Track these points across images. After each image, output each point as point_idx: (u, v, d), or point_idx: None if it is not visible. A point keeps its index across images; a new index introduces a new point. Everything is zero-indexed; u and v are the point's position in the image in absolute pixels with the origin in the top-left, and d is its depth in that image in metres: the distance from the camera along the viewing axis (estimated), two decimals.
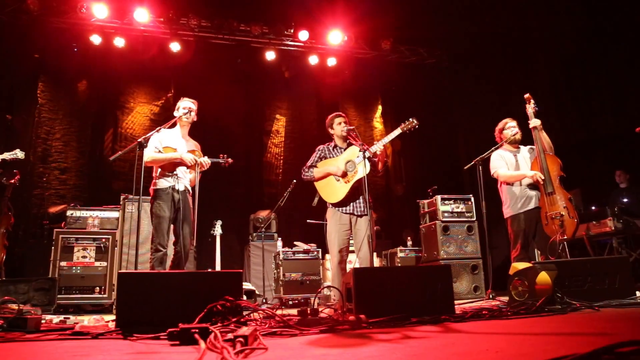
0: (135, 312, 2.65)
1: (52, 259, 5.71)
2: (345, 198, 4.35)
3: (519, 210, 4.61)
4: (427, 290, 3.09)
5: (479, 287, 6.08)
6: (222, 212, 6.89)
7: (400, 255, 7.10)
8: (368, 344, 1.93)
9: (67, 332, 2.59)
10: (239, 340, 1.78)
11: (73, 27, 7.92)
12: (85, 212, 6.09)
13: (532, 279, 3.29)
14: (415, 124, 4.42)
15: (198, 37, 8.53)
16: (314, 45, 9.02)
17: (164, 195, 4.17)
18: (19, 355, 1.88)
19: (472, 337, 2.02)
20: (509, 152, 4.82)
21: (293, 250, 6.91)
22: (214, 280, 2.93)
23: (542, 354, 1.48)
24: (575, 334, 2.03)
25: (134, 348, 2.03)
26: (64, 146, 8.10)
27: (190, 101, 4.55)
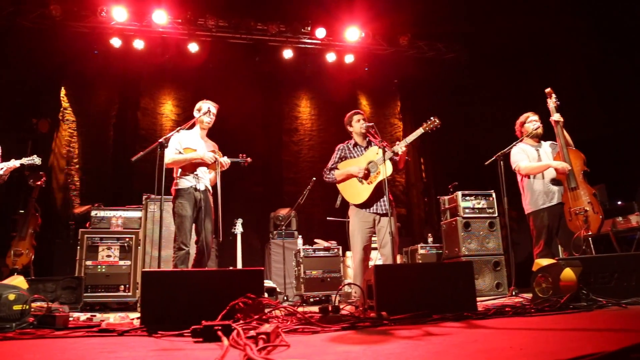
0: (159, 309, 2.69)
1: (78, 258, 5.85)
2: (369, 199, 4.34)
3: (541, 206, 4.54)
4: (449, 287, 3.07)
5: (502, 284, 6.01)
6: (242, 211, 6.95)
7: (421, 252, 7.06)
8: (390, 341, 1.93)
9: (94, 329, 2.65)
10: (262, 337, 1.80)
11: (94, 31, 8.07)
12: (109, 212, 6.21)
13: (556, 276, 3.23)
14: (437, 123, 4.36)
15: (216, 37, 8.60)
16: (331, 43, 9.01)
17: (185, 195, 4.23)
18: (49, 352, 1.93)
19: (495, 334, 2.00)
20: (531, 147, 4.74)
21: (313, 248, 6.93)
22: (235, 278, 2.96)
23: (567, 352, 1.45)
24: (601, 332, 2.00)
25: (158, 345, 2.06)
26: (87, 148, 8.27)
27: (210, 104, 4.58)
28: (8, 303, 2.84)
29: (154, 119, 8.81)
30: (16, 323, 2.82)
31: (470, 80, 9.26)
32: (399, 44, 9.08)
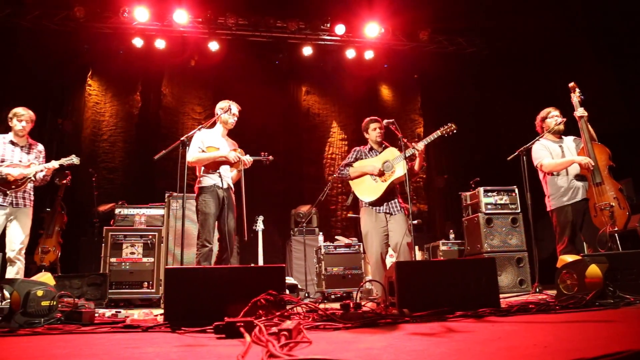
0: (182, 306, 2.73)
1: (103, 256, 5.97)
2: (381, 197, 4.32)
3: (565, 202, 4.45)
4: (471, 284, 3.04)
5: (525, 281, 5.92)
6: (263, 208, 6.99)
7: (443, 248, 7.00)
8: (412, 338, 1.92)
9: (119, 325, 2.70)
10: (284, 334, 1.81)
11: (116, 31, 8.21)
12: (132, 210, 6.32)
13: (581, 272, 3.17)
14: (454, 128, 4.33)
15: (236, 35, 8.66)
16: (351, 39, 8.98)
17: (209, 193, 4.28)
18: (76, 347, 1.98)
19: (519, 332, 1.98)
20: (553, 142, 4.65)
21: (334, 245, 6.93)
22: (257, 275, 2.98)
23: (593, 350, 1.43)
24: (629, 329, 1.95)
25: (182, 341, 2.09)
26: (110, 147, 8.42)
27: (232, 103, 4.60)
28: (36, 299, 2.92)
29: (176, 117, 8.92)
30: (45, 318, 2.90)
31: (491, 75, 9.13)
32: (419, 39, 9.00)
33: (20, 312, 2.87)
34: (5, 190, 4.44)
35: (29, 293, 2.90)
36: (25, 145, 4.69)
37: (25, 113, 4.63)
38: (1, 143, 4.56)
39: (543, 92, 7.60)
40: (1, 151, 4.51)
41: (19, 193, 4.53)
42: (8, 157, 4.54)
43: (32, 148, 4.75)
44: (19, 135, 4.63)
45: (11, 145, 4.60)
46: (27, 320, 2.84)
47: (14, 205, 4.51)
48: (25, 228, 4.61)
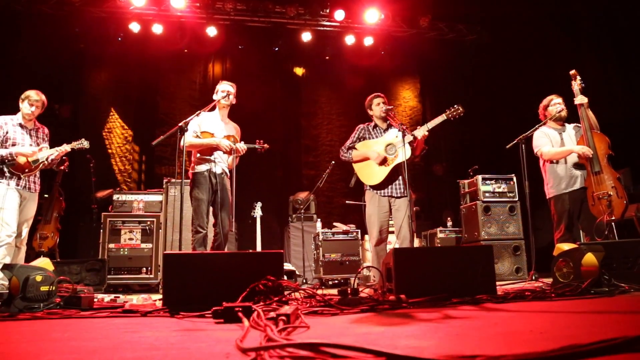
0: (181, 291, 2.74)
1: (101, 241, 5.98)
2: (384, 180, 4.32)
3: (563, 190, 4.47)
4: (468, 271, 3.06)
5: (521, 269, 5.96)
6: (262, 194, 7.01)
7: (440, 236, 7.03)
8: (410, 323, 1.94)
9: (118, 310, 2.72)
10: (282, 319, 1.82)
11: (112, 16, 8.13)
12: (130, 196, 6.32)
13: (577, 261, 3.19)
14: (460, 111, 4.28)
15: (234, 20, 8.58)
16: (350, 25, 8.92)
17: (201, 179, 4.28)
18: (75, 331, 1.99)
19: (515, 318, 1.99)
20: (554, 130, 4.66)
21: (332, 231, 6.95)
22: (255, 261, 2.99)
23: (588, 336, 1.44)
24: (623, 317, 1.97)
25: (180, 325, 2.11)
26: (108, 133, 8.39)
27: (228, 84, 4.61)
28: (36, 284, 2.93)
29: (173, 103, 8.88)
30: (44, 303, 2.91)
31: (491, 63, 9.08)
32: (419, 26, 8.94)
33: (19, 297, 2.88)
34: (19, 174, 4.40)
35: (27, 278, 2.91)
36: (33, 128, 4.63)
37: (38, 98, 4.56)
38: (11, 126, 4.47)
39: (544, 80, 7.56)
40: (12, 134, 4.44)
41: (30, 177, 4.50)
42: (19, 140, 4.47)
43: (39, 131, 4.70)
44: (27, 119, 4.57)
45: (20, 128, 4.52)
46: (26, 305, 2.85)
47: (27, 190, 4.48)
48: (32, 213, 4.60)
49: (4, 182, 4.33)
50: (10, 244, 4.25)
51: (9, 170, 4.35)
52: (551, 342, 1.34)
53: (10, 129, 4.45)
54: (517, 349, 1.25)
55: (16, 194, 4.37)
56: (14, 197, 4.34)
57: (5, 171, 4.34)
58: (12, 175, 4.36)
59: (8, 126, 4.45)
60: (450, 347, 1.35)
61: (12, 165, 4.36)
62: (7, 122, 4.46)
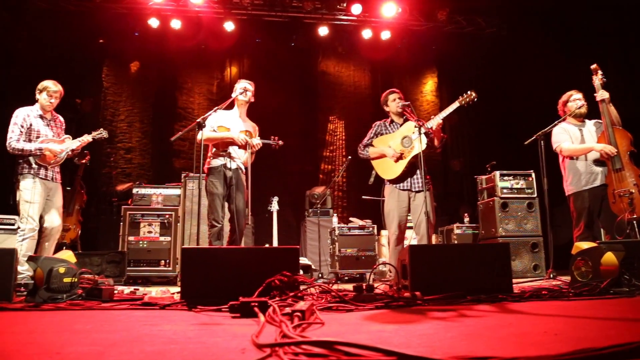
0: (198, 285, 2.79)
1: (121, 234, 6.10)
2: (402, 174, 4.32)
3: (583, 187, 4.41)
4: (485, 269, 3.04)
5: (539, 266, 5.90)
6: (279, 189, 7.06)
7: (457, 232, 6.99)
8: (423, 321, 1.95)
9: (138, 302, 2.79)
10: (297, 315, 1.85)
11: (132, 12, 8.23)
12: (150, 189, 6.42)
13: (596, 260, 3.15)
14: (474, 96, 4.24)
15: (251, 15, 8.61)
16: (367, 19, 8.87)
17: (216, 173, 4.35)
18: (97, 322, 2.05)
19: (530, 318, 1.99)
20: (574, 126, 4.59)
21: (348, 226, 6.97)
22: (272, 256, 3.02)
23: (604, 339, 1.44)
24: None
25: (198, 319, 2.15)
26: (128, 127, 8.52)
27: (247, 82, 4.64)
28: (59, 276, 3.02)
29: (192, 97, 8.96)
30: (67, 294, 3.00)
31: (510, 56, 8.95)
32: (436, 19, 8.85)
33: (44, 287, 2.97)
34: (46, 166, 4.48)
35: (51, 270, 3.00)
36: (51, 118, 4.68)
37: (57, 89, 4.60)
38: (33, 118, 4.51)
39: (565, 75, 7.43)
40: (36, 127, 4.50)
41: (55, 168, 4.58)
42: (43, 132, 4.55)
43: (56, 121, 4.76)
44: (47, 110, 4.61)
45: (40, 119, 4.56)
46: (50, 296, 2.94)
47: (53, 180, 4.55)
48: (61, 200, 4.68)
49: (32, 174, 4.40)
50: (34, 237, 4.34)
51: (35, 162, 4.42)
52: (565, 345, 1.34)
53: (33, 121, 4.50)
54: (529, 351, 1.26)
55: (43, 187, 4.45)
56: (41, 192, 4.43)
57: (32, 163, 4.41)
58: (39, 167, 4.44)
59: (30, 118, 4.49)
60: (463, 347, 1.36)
61: (38, 158, 4.45)
62: (29, 114, 4.50)
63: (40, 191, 4.40)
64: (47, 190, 4.49)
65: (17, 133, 4.39)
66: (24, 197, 4.33)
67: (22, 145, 4.37)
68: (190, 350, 1.36)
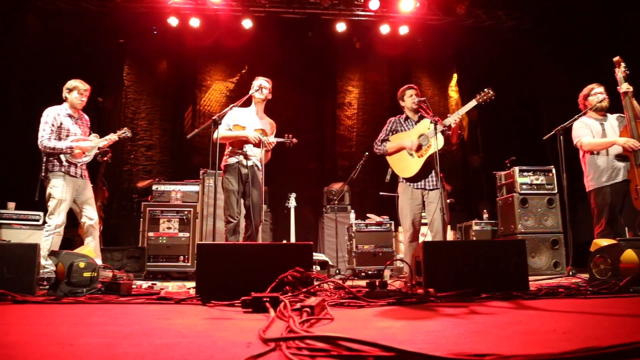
0: (213, 280, 2.84)
1: (141, 230, 6.21)
2: (418, 173, 4.30)
3: (605, 183, 4.31)
4: (500, 266, 3.01)
5: (560, 263, 5.80)
6: (297, 185, 7.08)
7: (476, 228, 6.92)
8: (432, 318, 1.94)
9: (154, 297, 2.85)
10: (306, 310, 1.86)
11: (152, 11, 8.34)
12: (169, 186, 6.52)
13: (615, 257, 3.09)
14: (491, 94, 4.17)
15: (269, 12, 8.64)
16: (385, 14, 8.81)
17: (231, 170, 4.41)
18: (112, 315, 2.11)
19: (542, 316, 1.96)
20: (595, 120, 4.49)
21: (366, 223, 6.96)
22: (285, 252, 3.05)
23: (612, 338, 1.42)
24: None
25: (210, 314, 2.19)
26: (148, 124, 8.66)
27: (263, 79, 4.66)
28: (79, 270, 3.11)
29: (211, 95, 9.06)
30: (87, 288, 3.08)
31: (532, 50, 8.78)
32: (455, 13, 8.74)
33: (65, 281, 3.07)
34: (75, 163, 4.59)
35: (72, 264, 3.09)
36: (78, 117, 4.80)
37: (86, 87, 4.73)
38: (63, 117, 4.62)
39: (588, 68, 7.26)
40: (66, 125, 4.62)
41: (83, 165, 4.69)
42: (72, 130, 4.66)
43: (82, 119, 4.87)
44: (77, 108, 4.74)
45: (69, 118, 4.67)
46: (71, 290, 3.03)
47: (82, 177, 4.67)
48: (92, 194, 4.78)
49: (62, 171, 4.51)
50: (59, 234, 4.45)
51: (66, 160, 4.54)
52: (571, 343, 1.33)
53: (63, 119, 4.62)
54: (532, 349, 1.25)
55: (72, 185, 4.56)
56: (71, 190, 4.54)
57: (63, 160, 4.53)
58: (69, 165, 4.56)
59: (60, 117, 4.61)
60: (467, 345, 1.35)
61: (69, 155, 4.57)
62: (60, 113, 4.62)
63: (70, 189, 4.52)
64: (75, 188, 4.61)
65: (48, 132, 4.52)
66: (54, 194, 4.44)
67: (54, 143, 4.50)
68: (197, 344, 1.38)
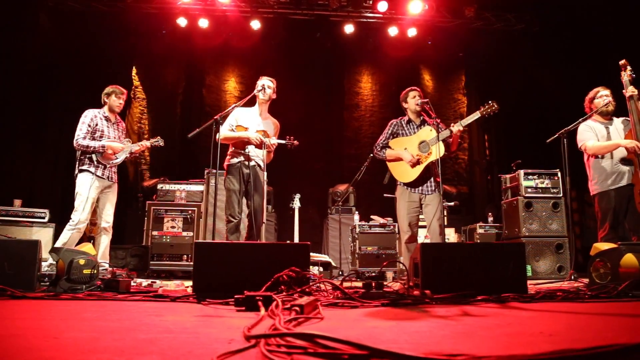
0: (210, 278, 2.85)
1: (145, 229, 6.26)
2: (417, 179, 4.31)
3: (609, 186, 4.27)
4: (498, 269, 2.99)
5: (564, 268, 5.73)
6: (304, 186, 7.10)
7: (480, 231, 6.88)
8: (422, 319, 1.94)
9: (150, 294, 2.87)
10: (294, 309, 1.87)
11: (161, 12, 8.41)
12: (174, 185, 6.57)
13: (615, 261, 3.06)
14: (495, 107, 4.21)
15: (277, 13, 8.67)
16: (394, 16, 8.80)
17: (233, 170, 4.43)
18: (105, 312, 2.13)
19: (533, 319, 1.95)
20: (600, 124, 4.45)
21: (369, 224, 6.95)
22: (282, 252, 3.06)
23: (599, 341, 1.40)
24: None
25: (203, 311, 2.20)
26: (156, 124, 8.72)
27: (267, 79, 4.66)
28: (79, 267, 3.15)
29: (218, 95, 9.11)
30: (86, 285, 3.12)
31: (541, 53, 8.70)
32: (464, 16, 8.70)
33: (64, 278, 3.10)
34: (105, 164, 4.71)
35: (72, 261, 3.13)
36: (115, 121, 4.96)
37: (123, 92, 4.95)
38: (99, 119, 4.78)
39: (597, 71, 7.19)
40: (100, 127, 4.76)
41: (113, 168, 4.83)
42: (106, 132, 4.80)
43: (119, 125, 5.02)
44: (113, 112, 4.90)
45: (106, 121, 4.83)
46: (70, 286, 3.07)
47: (109, 179, 4.79)
48: (115, 200, 4.92)
49: (92, 170, 4.62)
50: (80, 231, 4.54)
51: (96, 160, 4.66)
52: (554, 345, 1.32)
53: (99, 121, 4.77)
54: (511, 351, 1.24)
55: (99, 185, 4.68)
56: (97, 189, 4.66)
57: (94, 160, 4.65)
58: (98, 165, 4.67)
59: (97, 119, 4.77)
60: (448, 345, 1.35)
61: (101, 155, 4.66)
62: (97, 115, 4.79)
63: (96, 188, 4.64)
64: (102, 188, 4.74)
65: (85, 131, 4.67)
66: (81, 190, 4.58)
67: (88, 142, 4.65)
68: (180, 340, 1.40)
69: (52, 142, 7.57)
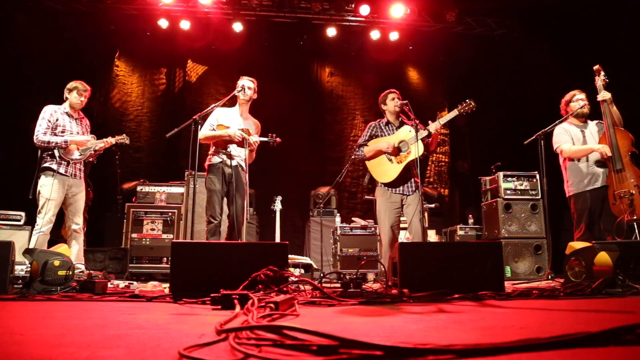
0: (187, 278, 2.83)
1: (125, 231, 6.17)
2: (397, 178, 4.32)
3: (584, 188, 4.35)
4: (476, 268, 3.02)
5: (542, 268, 5.81)
6: (285, 188, 7.08)
7: (460, 233, 6.93)
8: (396, 315, 1.95)
9: (126, 295, 2.83)
10: (269, 306, 1.87)
11: (142, 13, 8.33)
12: (154, 187, 6.50)
13: (589, 260, 3.11)
14: (472, 105, 4.27)
15: (260, 16, 8.65)
16: (376, 20, 8.85)
17: (215, 170, 4.38)
18: (79, 311, 2.09)
19: (506, 314, 1.97)
20: (575, 127, 4.53)
21: (350, 226, 6.95)
22: (260, 251, 3.05)
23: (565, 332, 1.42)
24: (619, 315, 1.92)
25: (178, 310, 2.18)
26: (137, 126, 8.63)
27: (248, 79, 4.66)
28: (54, 268, 3.09)
29: (200, 97, 9.05)
30: (61, 287, 3.06)
31: (521, 58, 8.84)
32: (445, 20, 8.79)
33: (38, 280, 3.04)
34: (68, 161, 4.55)
35: (46, 262, 3.07)
36: (77, 117, 4.79)
37: (86, 88, 4.77)
38: (59, 114, 4.63)
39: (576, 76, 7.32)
40: (62, 122, 4.61)
41: (77, 165, 4.65)
42: (69, 128, 4.65)
43: (82, 121, 4.87)
44: (74, 109, 4.75)
45: (67, 116, 4.68)
46: (44, 288, 3.01)
47: (73, 177, 4.61)
48: (83, 198, 4.73)
49: (54, 168, 4.45)
50: (46, 233, 4.40)
51: (59, 156, 4.50)
52: (522, 337, 1.33)
53: (59, 116, 4.62)
54: (478, 341, 1.25)
55: (62, 184, 4.49)
56: (60, 189, 4.47)
57: (56, 157, 4.49)
58: (61, 161, 4.51)
59: (57, 114, 4.61)
60: (419, 338, 1.36)
61: (63, 151, 4.53)
62: (57, 110, 4.63)
63: (58, 188, 4.46)
64: (66, 187, 4.55)
65: (44, 127, 4.51)
66: (43, 193, 4.41)
67: (49, 137, 4.48)
68: (150, 335, 1.38)
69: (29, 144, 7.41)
